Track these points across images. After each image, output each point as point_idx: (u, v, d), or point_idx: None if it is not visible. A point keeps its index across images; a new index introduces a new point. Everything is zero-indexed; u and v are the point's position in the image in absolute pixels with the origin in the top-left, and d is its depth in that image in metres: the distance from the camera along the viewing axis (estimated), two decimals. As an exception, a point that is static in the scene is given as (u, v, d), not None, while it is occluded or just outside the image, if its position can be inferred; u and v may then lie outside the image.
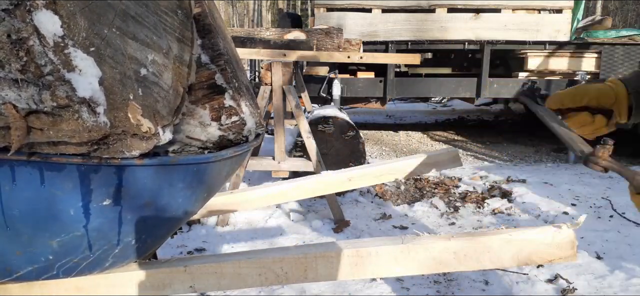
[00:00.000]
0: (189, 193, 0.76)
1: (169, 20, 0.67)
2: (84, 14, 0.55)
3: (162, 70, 0.66)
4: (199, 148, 0.77)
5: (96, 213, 0.67)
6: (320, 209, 3.50)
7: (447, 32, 5.71)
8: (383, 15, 5.74)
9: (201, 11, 0.76)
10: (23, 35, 0.52)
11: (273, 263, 0.85)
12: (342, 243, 0.88)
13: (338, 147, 3.66)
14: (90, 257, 0.73)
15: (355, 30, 5.65)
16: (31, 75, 0.53)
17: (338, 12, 5.76)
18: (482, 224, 3.25)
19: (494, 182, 4.01)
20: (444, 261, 0.85)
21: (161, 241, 0.88)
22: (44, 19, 0.52)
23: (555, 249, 0.83)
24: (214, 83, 0.75)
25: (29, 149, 0.60)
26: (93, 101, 0.57)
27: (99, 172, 0.64)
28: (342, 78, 5.80)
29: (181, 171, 0.72)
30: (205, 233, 3.10)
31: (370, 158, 5.15)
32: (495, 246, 0.84)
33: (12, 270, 0.70)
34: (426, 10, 5.72)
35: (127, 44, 0.61)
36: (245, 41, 3.57)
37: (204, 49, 0.76)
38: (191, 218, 0.92)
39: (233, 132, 0.77)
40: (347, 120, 3.77)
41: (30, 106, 0.56)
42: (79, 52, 0.55)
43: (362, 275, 0.86)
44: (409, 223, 3.28)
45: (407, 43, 5.83)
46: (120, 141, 0.61)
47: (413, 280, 2.42)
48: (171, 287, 0.85)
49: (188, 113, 0.74)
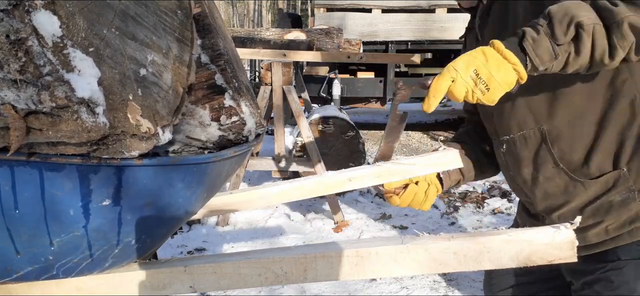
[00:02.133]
0: (188, 194, 0.76)
1: (168, 20, 0.67)
2: (83, 14, 0.55)
3: (162, 71, 0.66)
4: (199, 149, 0.77)
5: (96, 213, 0.67)
6: (320, 209, 3.50)
7: (447, 32, 5.71)
8: (383, 15, 5.74)
9: (201, 11, 0.76)
10: (22, 36, 0.52)
11: (273, 263, 0.85)
12: (342, 243, 0.88)
13: (338, 147, 3.66)
14: (90, 257, 0.73)
15: (356, 30, 5.65)
16: (30, 76, 0.53)
17: (338, 12, 5.76)
18: (482, 224, 3.25)
19: (494, 181, 4.01)
20: (444, 262, 0.85)
21: (161, 241, 0.88)
22: (42, 19, 0.52)
23: (555, 249, 0.83)
24: (214, 84, 0.75)
25: (28, 149, 0.60)
26: (92, 101, 0.57)
27: (98, 172, 0.64)
28: (342, 78, 5.80)
29: (181, 171, 0.72)
30: (205, 233, 3.10)
31: (370, 158, 5.15)
32: (494, 246, 0.84)
33: (12, 270, 0.70)
34: (426, 10, 5.72)
35: (127, 44, 0.61)
36: (245, 41, 3.57)
37: (204, 49, 0.76)
38: (191, 218, 0.92)
39: (233, 132, 0.77)
40: (347, 120, 3.77)
41: (29, 106, 0.55)
42: (78, 53, 0.55)
43: (362, 275, 0.86)
44: (409, 223, 3.28)
45: (407, 43, 5.83)
46: (119, 141, 0.61)
47: (413, 280, 2.42)
48: (171, 287, 0.85)
49: (188, 113, 0.74)
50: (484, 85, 0.88)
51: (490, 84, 0.88)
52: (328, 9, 5.80)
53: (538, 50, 0.87)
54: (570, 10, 0.86)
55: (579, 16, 0.85)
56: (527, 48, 0.87)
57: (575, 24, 0.85)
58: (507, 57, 0.88)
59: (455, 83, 0.89)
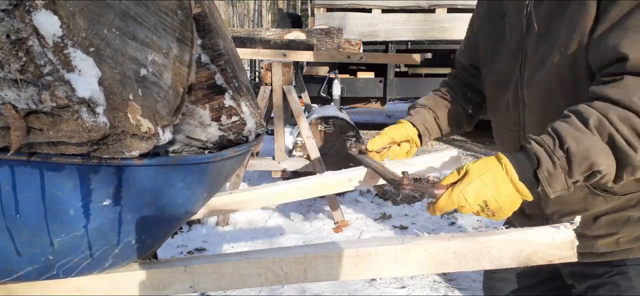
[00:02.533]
0: (189, 193, 0.76)
1: (169, 20, 0.67)
2: (84, 14, 0.55)
3: (162, 71, 0.66)
4: (199, 148, 0.77)
5: (96, 213, 0.67)
6: (320, 209, 3.50)
7: (447, 32, 5.70)
8: (383, 16, 5.73)
9: (201, 11, 0.76)
10: (22, 36, 0.52)
11: (273, 263, 0.85)
12: (342, 243, 0.88)
13: (338, 147, 3.66)
14: (90, 257, 0.73)
15: (356, 30, 5.64)
16: (30, 76, 0.53)
17: (338, 12, 5.76)
18: (482, 224, 3.25)
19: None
20: (444, 261, 0.85)
21: (161, 241, 0.88)
22: (43, 19, 0.52)
23: (555, 249, 0.83)
24: (214, 84, 0.75)
25: (29, 149, 0.60)
26: (92, 101, 0.57)
27: (98, 172, 0.64)
28: (342, 78, 5.79)
29: (181, 171, 0.72)
30: (205, 233, 3.10)
31: (370, 158, 5.14)
32: (494, 246, 0.84)
33: (13, 270, 0.70)
34: (426, 10, 5.72)
35: (127, 44, 0.61)
36: (245, 41, 3.57)
37: (204, 49, 0.76)
38: (191, 218, 0.92)
39: (233, 132, 0.77)
40: (347, 120, 3.77)
41: (29, 106, 0.56)
42: (78, 53, 0.55)
43: (362, 275, 0.86)
44: (409, 223, 3.28)
45: (407, 43, 5.83)
46: (119, 141, 0.61)
47: (413, 280, 2.42)
48: (171, 287, 0.85)
49: (188, 113, 0.74)
50: (490, 213, 0.92)
51: (497, 214, 0.92)
52: (328, 9, 5.79)
53: (553, 183, 0.88)
54: (591, 154, 0.85)
55: (598, 164, 0.85)
56: (542, 181, 0.88)
57: (594, 170, 0.86)
58: (519, 190, 0.90)
59: (463, 209, 0.93)
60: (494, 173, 0.90)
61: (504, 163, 0.90)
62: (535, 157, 0.88)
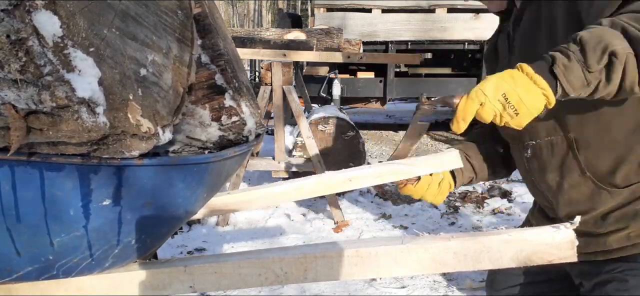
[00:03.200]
0: (189, 193, 0.76)
1: (169, 20, 0.67)
2: (84, 14, 0.55)
3: (162, 71, 0.66)
4: (199, 148, 0.77)
5: (96, 213, 0.67)
6: (320, 209, 3.50)
7: (447, 32, 5.70)
8: (383, 15, 5.73)
9: (201, 11, 0.76)
10: (22, 36, 0.52)
11: (273, 263, 0.85)
12: (342, 243, 0.88)
13: (338, 147, 3.66)
14: (90, 257, 0.73)
15: (356, 30, 5.64)
16: (30, 76, 0.53)
17: (338, 12, 5.75)
18: (482, 224, 3.25)
19: (494, 181, 4.01)
20: (444, 261, 0.85)
21: (161, 241, 0.88)
22: (43, 19, 0.52)
23: (555, 249, 0.83)
24: (214, 84, 0.75)
25: (29, 149, 0.60)
26: (92, 101, 0.57)
27: (98, 172, 0.64)
28: (342, 78, 5.79)
29: (181, 171, 0.72)
30: (205, 233, 3.10)
31: (370, 158, 5.15)
32: (494, 246, 0.84)
33: (13, 270, 0.70)
34: (426, 11, 5.72)
35: (127, 44, 0.61)
36: (245, 41, 3.57)
37: (204, 49, 0.76)
38: (191, 218, 0.92)
39: (233, 132, 0.77)
40: (347, 120, 3.77)
41: (29, 106, 0.56)
42: (78, 53, 0.55)
43: (362, 275, 0.86)
44: (409, 223, 3.28)
45: (407, 43, 5.82)
46: (119, 141, 0.61)
47: (413, 280, 2.42)
48: (171, 287, 0.85)
49: (188, 113, 0.74)
50: (512, 110, 0.88)
51: (520, 109, 0.87)
52: (328, 9, 5.79)
53: (569, 76, 0.85)
54: (604, 37, 0.84)
55: (613, 44, 0.83)
56: (558, 74, 0.86)
57: (609, 52, 0.84)
58: (536, 82, 0.87)
59: (483, 107, 0.89)
60: (510, 72, 0.89)
61: (519, 66, 0.89)
62: (550, 57, 0.88)
